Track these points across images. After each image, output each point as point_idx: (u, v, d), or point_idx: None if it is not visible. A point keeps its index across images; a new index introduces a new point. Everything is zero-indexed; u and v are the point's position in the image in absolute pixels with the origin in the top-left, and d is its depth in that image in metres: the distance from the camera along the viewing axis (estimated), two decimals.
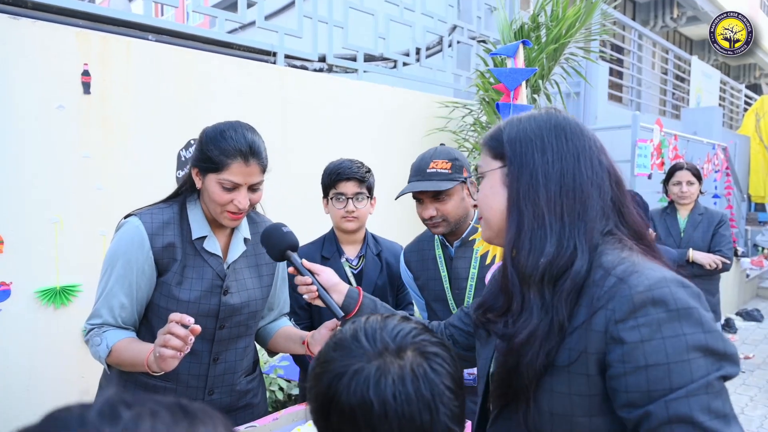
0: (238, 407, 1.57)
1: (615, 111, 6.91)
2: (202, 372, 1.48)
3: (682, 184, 3.48)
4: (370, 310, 1.32)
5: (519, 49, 1.72)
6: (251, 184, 1.42)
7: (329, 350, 0.77)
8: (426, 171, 1.70)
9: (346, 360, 0.73)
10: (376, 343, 0.74)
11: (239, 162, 1.37)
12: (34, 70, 2.39)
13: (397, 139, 4.03)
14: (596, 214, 0.90)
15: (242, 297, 1.50)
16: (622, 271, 0.83)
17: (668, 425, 0.76)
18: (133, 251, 1.39)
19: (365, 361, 0.71)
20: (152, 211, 1.46)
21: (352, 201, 1.90)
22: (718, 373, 0.77)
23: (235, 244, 1.54)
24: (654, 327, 0.78)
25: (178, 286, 1.43)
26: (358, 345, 0.74)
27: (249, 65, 3.20)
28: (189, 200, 1.50)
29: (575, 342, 0.85)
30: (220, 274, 1.48)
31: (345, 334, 0.77)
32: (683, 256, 3.38)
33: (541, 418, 0.88)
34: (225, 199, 1.39)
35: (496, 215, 0.97)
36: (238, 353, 1.54)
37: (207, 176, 1.41)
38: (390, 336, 0.74)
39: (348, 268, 1.98)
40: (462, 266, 1.79)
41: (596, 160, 0.94)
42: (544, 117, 0.97)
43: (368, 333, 0.76)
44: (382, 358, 0.71)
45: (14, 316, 2.35)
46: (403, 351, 0.73)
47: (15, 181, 2.35)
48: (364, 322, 0.79)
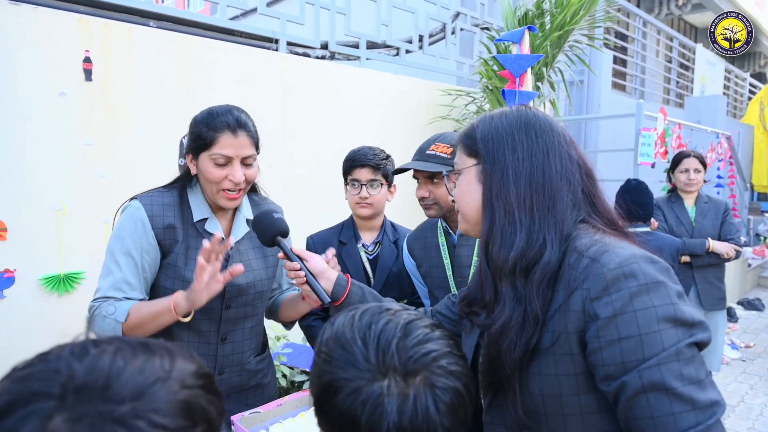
0: (249, 387, 1.60)
1: (618, 99, 6.87)
2: (210, 352, 1.51)
3: (690, 171, 3.46)
4: (358, 298, 1.33)
5: (525, 35, 1.70)
6: (243, 157, 1.42)
7: (334, 345, 0.73)
8: (426, 152, 1.71)
9: (348, 372, 0.69)
10: (386, 358, 0.69)
11: (227, 134, 1.40)
12: (35, 57, 2.38)
13: (400, 127, 4.01)
14: (566, 206, 0.94)
15: (247, 277, 1.52)
16: (594, 252, 0.87)
17: (643, 394, 0.79)
18: (136, 232, 1.42)
19: (366, 380, 0.67)
20: (152, 194, 1.48)
21: (366, 187, 1.93)
22: (688, 340, 0.80)
23: (238, 225, 1.56)
24: (625, 301, 0.82)
25: (184, 267, 1.45)
26: (364, 356, 0.69)
27: (251, 52, 3.18)
28: (189, 186, 1.53)
29: (555, 324, 0.88)
30: (224, 255, 1.49)
31: (355, 332, 0.73)
32: (702, 245, 3.36)
33: (533, 401, 0.90)
34: (219, 176, 1.40)
35: (472, 210, 1.01)
36: (245, 333, 1.57)
37: (200, 157, 1.43)
38: (405, 354, 0.69)
39: (363, 253, 2.00)
40: (465, 254, 1.79)
41: (565, 154, 0.97)
42: (515, 114, 1.01)
43: (381, 342, 0.70)
44: (387, 379, 0.67)
45: (18, 303, 2.36)
46: (411, 376, 0.68)
47: (18, 168, 2.35)
48: (384, 323, 0.73)
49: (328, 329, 0.77)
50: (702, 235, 3.44)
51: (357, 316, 0.76)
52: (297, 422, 1.39)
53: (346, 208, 2.06)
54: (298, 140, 3.38)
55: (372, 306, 0.79)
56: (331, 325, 0.78)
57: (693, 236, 3.46)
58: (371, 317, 0.75)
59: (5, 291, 2.33)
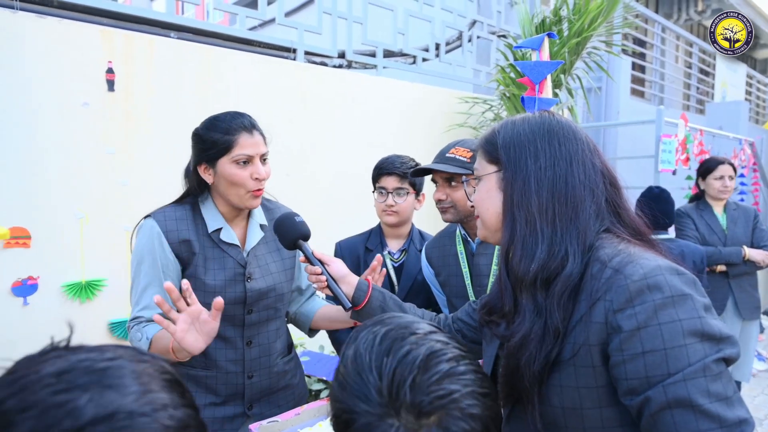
0: (278, 388, 1.62)
1: (637, 106, 6.79)
2: (238, 357, 1.53)
3: (725, 178, 3.38)
4: (379, 303, 1.32)
5: (544, 41, 1.69)
6: (261, 154, 1.48)
7: (352, 368, 0.70)
8: (445, 155, 1.71)
9: (359, 405, 0.66)
10: (399, 394, 0.65)
11: (245, 134, 1.45)
12: (60, 68, 2.43)
13: (417, 135, 4.01)
14: (589, 216, 0.92)
15: (267, 281, 1.55)
16: (617, 262, 0.85)
17: (668, 410, 0.77)
18: (154, 248, 1.45)
19: (377, 416, 0.65)
20: (165, 210, 1.52)
21: (392, 195, 1.96)
22: (716, 355, 0.78)
23: (252, 232, 1.58)
24: (650, 314, 0.79)
25: (204, 276, 1.48)
26: (377, 388, 0.66)
27: (269, 62, 3.21)
28: (200, 199, 1.55)
29: (577, 335, 0.86)
30: (240, 262, 1.52)
31: (372, 358, 0.69)
32: (739, 254, 3.29)
33: (553, 413, 0.89)
34: (244, 176, 1.44)
35: (493, 217, 1.00)
36: (270, 335, 1.59)
37: (218, 163, 1.45)
38: (420, 393, 0.65)
39: (389, 260, 2.02)
40: (483, 263, 1.77)
41: (589, 163, 0.95)
42: (537, 121, 0.98)
43: (396, 377, 0.66)
44: (398, 417, 0.64)
45: (42, 309, 2.40)
46: (425, 416, 0.64)
47: (42, 177, 2.39)
48: (403, 354, 0.68)
49: (351, 344, 0.75)
50: (735, 242, 3.35)
51: (378, 337, 0.72)
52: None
53: (364, 215, 2.07)
54: (315, 148, 3.40)
55: (396, 325, 0.75)
56: (354, 339, 0.76)
57: (726, 244, 3.36)
58: (392, 343, 0.70)
59: (29, 298, 2.37)
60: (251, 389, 1.54)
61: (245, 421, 1.53)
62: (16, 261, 2.34)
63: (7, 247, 2.32)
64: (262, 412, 1.54)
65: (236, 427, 1.52)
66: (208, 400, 1.49)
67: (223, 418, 1.51)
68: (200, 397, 1.49)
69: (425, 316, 1.36)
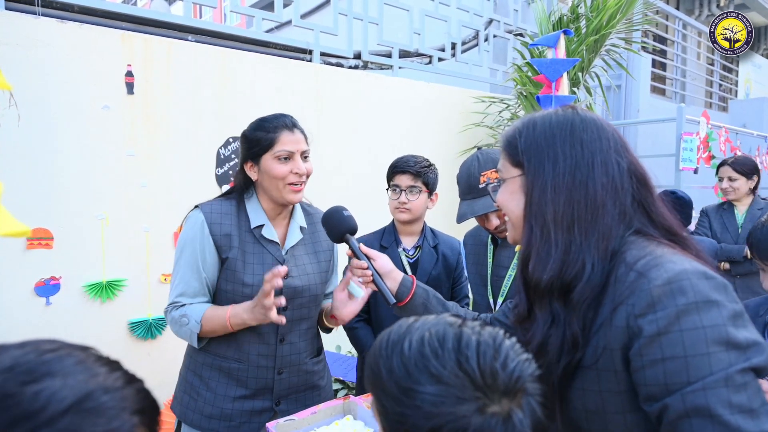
0: (306, 387, 1.66)
1: (658, 104, 6.69)
2: (270, 352, 1.58)
3: (724, 180, 3.50)
4: (422, 300, 1.33)
5: (560, 38, 1.67)
6: (302, 151, 1.55)
7: (421, 377, 0.66)
8: (479, 187, 1.68)
9: (452, 406, 0.64)
10: (494, 380, 0.65)
11: (286, 132, 1.53)
12: (80, 72, 2.48)
13: (433, 134, 4.00)
14: (611, 220, 0.88)
15: (303, 280, 1.60)
16: (642, 265, 0.83)
17: (686, 418, 0.75)
18: (196, 238, 1.53)
19: (473, 409, 0.63)
20: (212, 203, 1.59)
21: (406, 193, 1.99)
22: (741, 365, 0.74)
23: (292, 232, 1.64)
24: (671, 319, 0.77)
25: (243, 271, 1.54)
26: (473, 383, 0.65)
27: (285, 63, 3.23)
28: (246, 195, 1.62)
29: (599, 339, 0.84)
30: (279, 259, 1.58)
31: (446, 359, 0.66)
32: (740, 251, 3.32)
33: (576, 415, 0.88)
34: (284, 171, 1.52)
35: (519, 219, 0.98)
36: (301, 334, 1.64)
37: (262, 159, 1.53)
38: (508, 372, 0.66)
39: (404, 257, 2.06)
40: (506, 255, 1.80)
41: (613, 163, 0.90)
42: (560, 120, 0.94)
43: (483, 363, 0.66)
44: (499, 404, 0.65)
45: (64, 309, 2.45)
46: (513, 394, 0.65)
47: (64, 179, 2.44)
48: (476, 344, 0.67)
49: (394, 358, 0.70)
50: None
51: (436, 340, 0.69)
52: (331, 430, 1.39)
53: (380, 214, 2.08)
54: (332, 149, 3.41)
55: (440, 321, 0.73)
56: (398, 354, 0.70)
57: (737, 242, 3.39)
58: (454, 340, 0.68)
59: (51, 298, 2.42)
60: (280, 385, 1.59)
61: (272, 416, 1.56)
62: (38, 262, 2.39)
63: (30, 248, 2.37)
64: (288, 409, 1.59)
65: (263, 421, 1.56)
66: (238, 393, 1.55)
67: (251, 411, 1.56)
68: (231, 389, 1.55)
69: (467, 315, 1.36)
